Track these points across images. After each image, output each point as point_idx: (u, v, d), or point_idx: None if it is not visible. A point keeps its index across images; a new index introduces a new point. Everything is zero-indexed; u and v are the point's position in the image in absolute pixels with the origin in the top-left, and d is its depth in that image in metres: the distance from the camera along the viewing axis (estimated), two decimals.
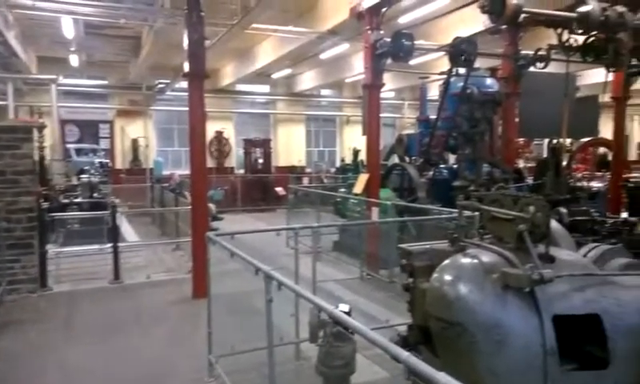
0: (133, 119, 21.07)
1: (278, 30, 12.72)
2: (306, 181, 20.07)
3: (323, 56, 16.16)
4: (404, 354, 2.15)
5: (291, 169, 22.07)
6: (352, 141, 23.19)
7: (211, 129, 20.72)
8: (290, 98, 23.52)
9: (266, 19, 11.46)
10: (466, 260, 2.81)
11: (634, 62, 8.52)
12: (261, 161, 20.53)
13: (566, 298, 2.59)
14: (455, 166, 10.87)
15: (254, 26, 11.44)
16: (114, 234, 8.75)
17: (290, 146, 23.78)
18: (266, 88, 23.05)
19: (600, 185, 12.73)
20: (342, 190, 12.58)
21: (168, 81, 18.38)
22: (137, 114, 21.03)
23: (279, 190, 18.03)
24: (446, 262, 2.87)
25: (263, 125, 23.79)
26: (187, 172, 9.42)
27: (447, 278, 2.75)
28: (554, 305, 2.54)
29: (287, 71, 19.82)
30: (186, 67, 7.80)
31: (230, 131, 22.57)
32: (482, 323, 2.55)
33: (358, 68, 16.37)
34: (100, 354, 5.83)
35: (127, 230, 12.01)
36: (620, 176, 11.11)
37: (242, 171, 21.47)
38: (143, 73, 18.03)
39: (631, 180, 10.06)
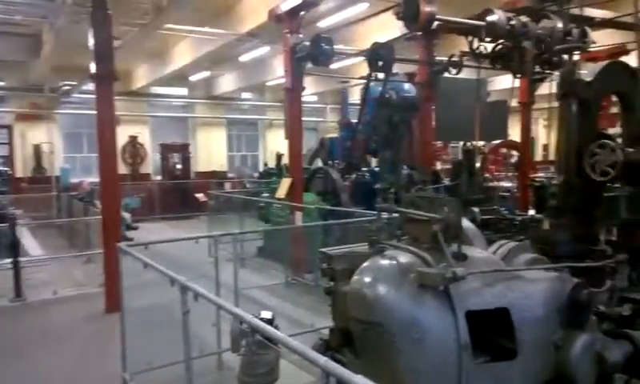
0: (35, 124, 19.46)
1: (193, 31, 12.35)
2: (228, 186, 19.64)
3: (243, 58, 15.94)
4: (322, 359, 2.12)
5: (212, 174, 21.50)
6: (275, 145, 22.97)
7: (124, 133, 19.64)
8: (209, 101, 22.93)
9: (180, 19, 11.08)
10: (384, 261, 2.84)
11: (537, 69, 9.13)
12: (179, 166, 19.84)
13: (478, 293, 2.68)
14: (377, 169, 11.11)
15: (168, 26, 11.03)
16: (14, 248, 8.09)
17: (211, 151, 23.17)
18: (183, 91, 22.29)
19: (510, 184, 13.57)
20: (266, 194, 12.43)
21: (74, 83, 17.18)
22: (39, 117, 19.45)
23: (200, 196, 17.43)
24: (365, 264, 2.88)
25: (181, 129, 23.02)
26: (98, 179, 8.85)
27: (366, 279, 2.76)
28: (467, 301, 2.62)
29: (206, 73, 19.35)
30: (93, 68, 7.34)
31: (145, 136, 21.58)
32: (400, 322, 2.57)
33: (279, 71, 16.24)
34: (1, 382, 5.32)
35: (30, 243, 11.10)
36: (527, 176, 11.87)
37: (159, 177, 20.63)
38: (45, 74, 16.69)
39: (537, 179, 10.76)
